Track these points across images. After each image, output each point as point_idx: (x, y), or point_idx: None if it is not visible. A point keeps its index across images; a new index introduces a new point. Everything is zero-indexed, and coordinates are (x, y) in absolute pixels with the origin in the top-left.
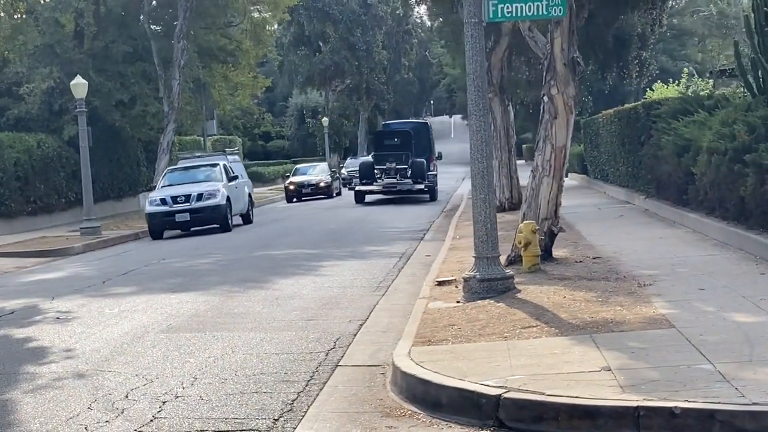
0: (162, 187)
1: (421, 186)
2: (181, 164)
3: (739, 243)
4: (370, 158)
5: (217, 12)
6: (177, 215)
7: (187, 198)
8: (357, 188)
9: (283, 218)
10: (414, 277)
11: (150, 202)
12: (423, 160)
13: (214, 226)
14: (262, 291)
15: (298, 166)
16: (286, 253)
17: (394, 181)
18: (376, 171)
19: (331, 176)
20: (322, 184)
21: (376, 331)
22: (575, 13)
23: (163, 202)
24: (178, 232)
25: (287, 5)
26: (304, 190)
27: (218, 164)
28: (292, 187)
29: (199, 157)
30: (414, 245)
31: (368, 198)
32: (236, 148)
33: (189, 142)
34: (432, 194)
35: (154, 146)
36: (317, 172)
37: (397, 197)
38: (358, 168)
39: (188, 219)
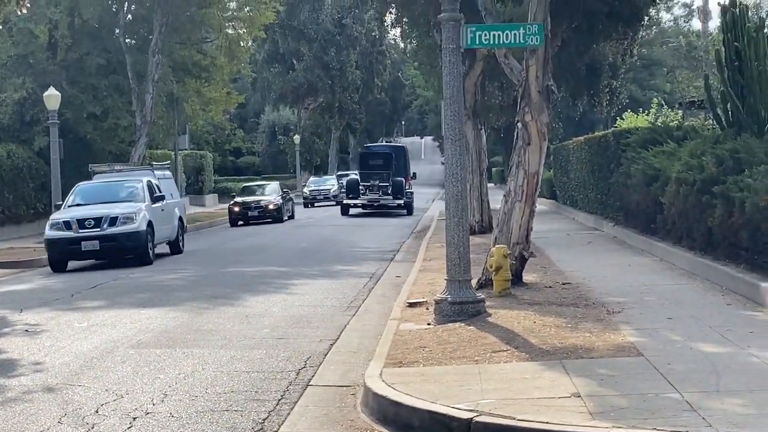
0: (69, 206)
1: (400, 201)
2: (96, 180)
3: (706, 273)
4: (355, 176)
5: (193, 28)
6: (84, 243)
7: (98, 222)
8: (344, 202)
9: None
10: (384, 298)
11: (51, 225)
12: (401, 179)
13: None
14: (232, 308)
15: (247, 184)
16: (257, 270)
17: (376, 196)
18: (360, 187)
19: (283, 197)
20: (271, 207)
21: (347, 352)
22: (549, 41)
23: (67, 226)
24: (90, 261)
25: (263, 23)
26: (250, 213)
27: (141, 181)
28: (237, 209)
29: (119, 171)
30: (384, 266)
31: (352, 211)
32: (167, 162)
33: (160, 156)
34: (409, 209)
35: (125, 159)
36: (268, 192)
37: (378, 211)
38: (315, 186)
39: (98, 248)
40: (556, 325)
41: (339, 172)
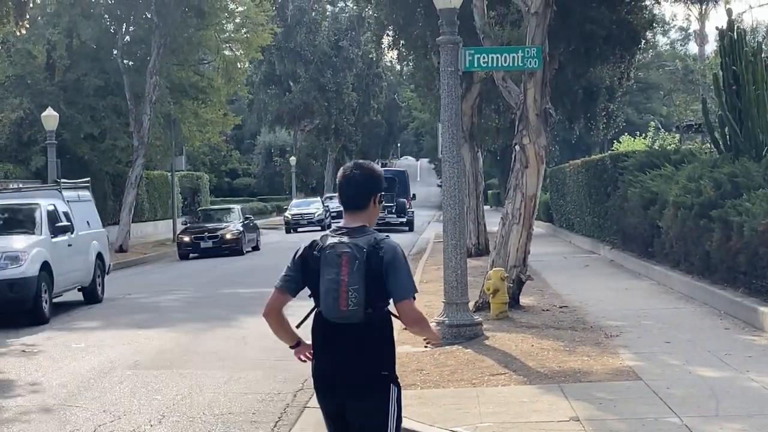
0: None
1: (403, 219)
2: None
3: (704, 297)
4: None
5: (190, 49)
6: None
7: None
8: None
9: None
10: None
11: None
12: (404, 200)
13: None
14: (229, 329)
15: (206, 208)
16: (254, 292)
17: (382, 215)
18: None
19: (245, 225)
20: (228, 236)
21: None
22: (547, 64)
23: None
24: None
25: (260, 45)
26: (203, 244)
27: (39, 206)
28: (187, 238)
29: (17, 190)
30: None
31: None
32: (86, 180)
33: (157, 176)
34: (410, 226)
35: (122, 180)
36: (228, 218)
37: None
38: (297, 210)
39: None
40: (554, 349)
41: (328, 194)
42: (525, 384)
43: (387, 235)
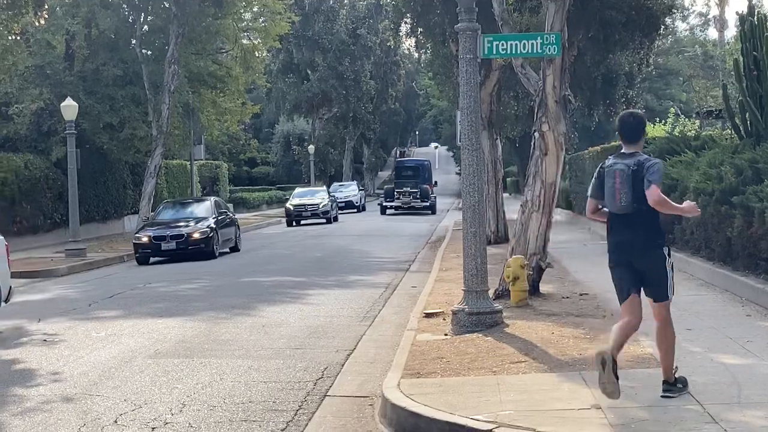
0: None
1: (426, 204)
2: None
3: (725, 284)
4: (392, 185)
5: (209, 38)
6: None
7: None
8: (383, 204)
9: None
10: (400, 308)
11: None
12: (427, 186)
13: None
14: (249, 318)
15: (173, 200)
16: (273, 281)
17: (409, 199)
18: (395, 193)
19: (218, 221)
20: (196, 236)
21: (364, 362)
22: (566, 51)
23: None
24: None
25: (278, 33)
26: (165, 245)
27: None
28: (145, 239)
29: None
30: (399, 276)
31: (388, 212)
32: None
33: (176, 166)
34: (433, 209)
35: (141, 169)
36: (198, 213)
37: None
38: (300, 200)
39: None
40: (575, 336)
41: (338, 183)
42: (546, 372)
43: (648, 157)
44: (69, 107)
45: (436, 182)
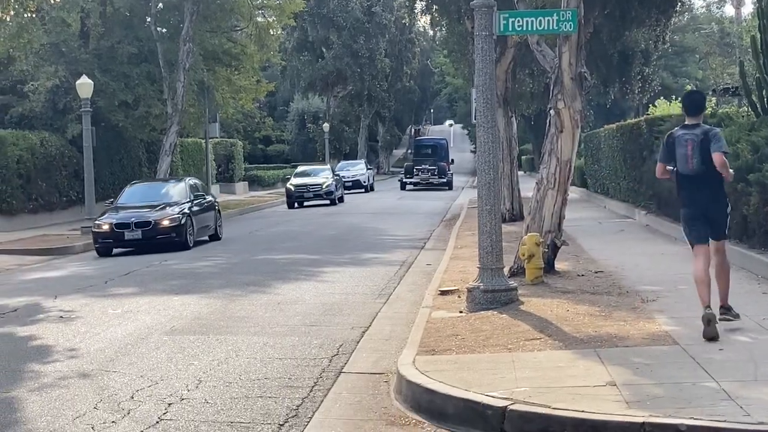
0: None
1: (444, 180)
2: None
3: (741, 262)
4: (411, 162)
5: (223, 16)
6: None
7: None
8: (402, 180)
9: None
10: (415, 286)
11: None
12: (444, 163)
13: None
14: (264, 295)
15: (134, 184)
16: (287, 258)
17: (427, 176)
18: (415, 170)
19: (194, 206)
20: (165, 223)
21: (379, 339)
22: (582, 28)
23: None
24: None
25: (293, 11)
26: (128, 234)
27: None
28: (106, 226)
29: None
30: (414, 254)
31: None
32: None
33: (191, 144)
34: (450, 185)
35: (156, 147)
36: (170, 197)
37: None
38: (302, 180)
39: None
40: (590, 314)
41: (345, 161)
42: (561, 349)
43: (710, 127)
44: (84, 85)
45: (452, 160)
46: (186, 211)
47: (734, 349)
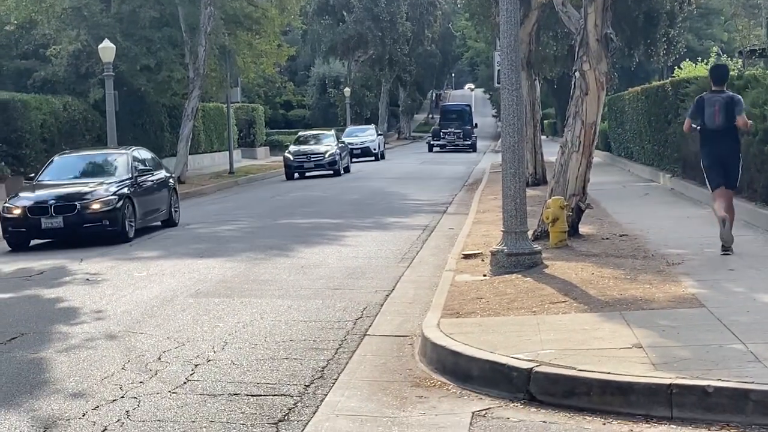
0: None
1: (468, 143)
2: None
3: None
4: (438, 126)
5: None
6: None
7: None
8: (430, 142)
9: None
10: (438, 250)
11: None
12: (469, 127)
13: None
14: (288, 259)
15: (61, 155)
16: (310, 222)
17: (453, 138)
18: (441, 133)
19: (124, 195)
20: (95, 207)
21: (403, 302)
22: None
23: None
24: None
25: None
26: (46, 222)
27: None
28: (18, 210)
29: None
30: (437, 218)
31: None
32: None
33: (212, 109)
34: (474, 147)
35: (178, 112)
36: (107, 170)
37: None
38: (302, 148)
39: None
40: (615, 277)
41: (354, 126)
42: (586, 312)
43: (733, 93)
44: (106, 49)
45: (476, 124)
46: (125, 191)
47: (761, 311)
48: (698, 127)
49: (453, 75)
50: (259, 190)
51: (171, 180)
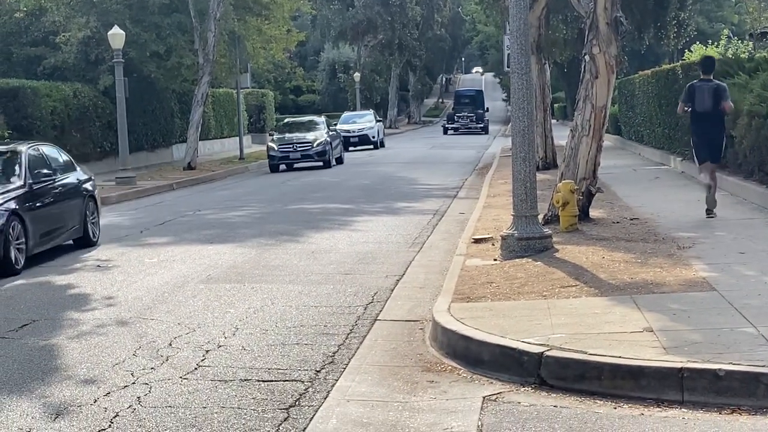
0: None
1: (481, 126)
2: None
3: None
4: (452, 111)
5: None
6: None
7: None
8: (445, 125)
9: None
10: (449, 234)
11: None
12: (481, 110)
13: None
14: (298, 244)
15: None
16: (320, 208)
17: (466, 122)
18: (455, 117)
19: (9, 210)
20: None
21: (413, 287)
22: None
23: None
24: None
25: None
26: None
27: None
28: None
29: None
30: (447, 202)
31: (449, 132)
32: None
33: (222, 94)
34: (486, 130)
35: (188, 98)
36: None
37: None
38: (287, 135)
39: None
40: (625, 261)
41: (351, 112)
42: (596, 296)
43: (720, 81)
44: (116, 35)
45: (488, 108)
46: (12, 206)
47: None
48: (689, 110)
49: (463, 59)
50: (269, 175)
51: (88, 185)
